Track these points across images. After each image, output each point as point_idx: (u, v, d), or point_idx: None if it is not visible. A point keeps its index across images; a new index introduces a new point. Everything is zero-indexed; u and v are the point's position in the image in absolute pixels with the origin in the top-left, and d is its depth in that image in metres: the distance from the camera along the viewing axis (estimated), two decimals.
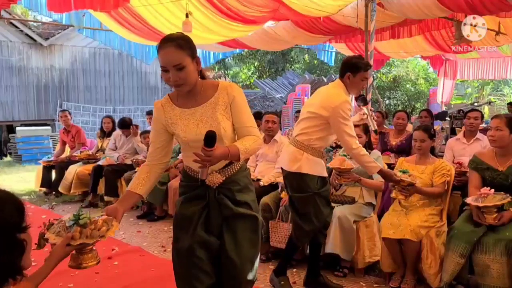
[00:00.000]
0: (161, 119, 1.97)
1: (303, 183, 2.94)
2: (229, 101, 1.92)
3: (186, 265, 1.95)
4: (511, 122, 2.92)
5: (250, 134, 1.92)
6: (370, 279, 3.38)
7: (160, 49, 1.82)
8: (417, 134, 3.36)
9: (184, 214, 1.99)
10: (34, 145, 11.12)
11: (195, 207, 1.97)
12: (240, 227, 1.97)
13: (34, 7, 6.01)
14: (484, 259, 2.71)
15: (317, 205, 2.94)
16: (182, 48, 1.80)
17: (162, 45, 1.81)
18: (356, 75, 2.88)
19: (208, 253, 1.95)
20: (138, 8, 5.66)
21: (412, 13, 5.36)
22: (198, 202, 1.97)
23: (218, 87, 1.94)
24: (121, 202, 2.01)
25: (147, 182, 1.99)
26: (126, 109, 14.79)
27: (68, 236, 1.69)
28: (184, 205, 2.01)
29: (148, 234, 4.64)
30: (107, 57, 14.70)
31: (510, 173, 2.92)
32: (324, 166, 3.02)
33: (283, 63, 19.28)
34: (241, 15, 5.49)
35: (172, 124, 1.94)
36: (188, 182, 2.02)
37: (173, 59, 1.78)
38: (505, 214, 2.77)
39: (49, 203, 6.06)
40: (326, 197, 3.01)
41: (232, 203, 1.95)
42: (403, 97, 17.46)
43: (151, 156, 2.03)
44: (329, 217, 3.09)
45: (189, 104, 1.93)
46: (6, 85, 12.97)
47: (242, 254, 1.95)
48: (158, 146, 2.01)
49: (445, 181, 3.26)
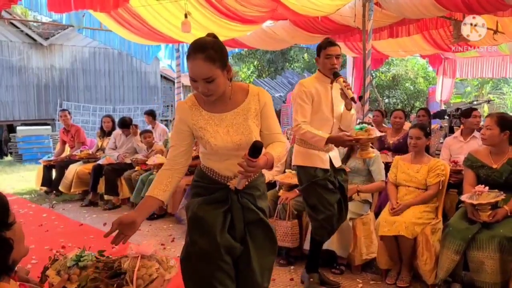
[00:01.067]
0: (188, 121, 1.86)
1: (301, 175, 3.04)
2: (260, 108, 1.89)
3: (208, 269, 1.84)
4: (501, 120, 2.97)
5: (278, 141, 1.91)
6: (367, 276, 3.42)
7: (190, 59, 1.71)
8: (413, 131, 3.40)
9: (204, 217, 1.87)
10: (34, 144, 11.16)
11: (217, 210, 1.88)
12: (262, 235, 1.94)
13: (34, 7, 6.04)
14: (479, 256, 2.75)
15: (318, 193, 2.97)
16: (213, 61, 1.69)
17: (192, 55, 1.70)
18: (320, 56, 2.95)
19: (231, 259, 1.88)
20: (138, 9, 5.70)
21: (410, 12, 5.40)
22: (219, 206, 1.88)
23: (248, 92, 1.89)
24: (140, 211, 1.83)
25: (169, 188, 1.86)
26: (126, 108, 14.83)
27: (64, 279, 1.62)
28: (202, 207, 1.89)
29: (147, 232, 4.68)
30: (107, 57, 14.74)
31: (504, 170, 2.96)
32: (323, 157, 2.97)
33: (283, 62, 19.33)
34: (240, 15, 5.53)
35: (200, 128, 1.85)
36: (207, 184, 1.93)
37: (202, 73, 1.70)
38: (499, 211, 2.82)
39: (49, 202, 6.10)
40: (325, 185, 2.96)
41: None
42: (403, 95, 17.50)
43: (173, 160, 1.90)
44: (333, 206, 3.01)
45: (218, 108, 1.85)
46: (6, 85, 13.01)
47: (263, 263, 1.92)
48: (182, 149, 1.90)
49: (440, 181, 3.28)
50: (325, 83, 2.96)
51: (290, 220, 3.54)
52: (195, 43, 1.74)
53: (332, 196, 3.00)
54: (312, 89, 2.90)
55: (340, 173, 3.10)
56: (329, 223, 3.03)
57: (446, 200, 3.56)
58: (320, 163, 2.98)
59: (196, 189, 1.98)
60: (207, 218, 1.86)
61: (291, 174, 3.78)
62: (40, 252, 3.83)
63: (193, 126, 1.86)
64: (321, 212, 2.99)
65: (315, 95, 2.90)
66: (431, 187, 3.29)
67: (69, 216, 5.40)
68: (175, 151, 1.90)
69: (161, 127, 7.08)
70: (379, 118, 6.13)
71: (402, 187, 3.40)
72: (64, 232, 4.69)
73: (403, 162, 3.46)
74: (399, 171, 3.44)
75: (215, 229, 1.84)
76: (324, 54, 2.92)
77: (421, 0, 5.02)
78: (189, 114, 1.86)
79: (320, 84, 2.95)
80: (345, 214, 3.18)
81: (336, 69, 2.91)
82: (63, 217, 5.34)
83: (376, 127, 6.00)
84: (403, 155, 3.68)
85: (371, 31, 5.10)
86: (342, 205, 3.11)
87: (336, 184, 3.03)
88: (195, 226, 1.90)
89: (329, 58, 2.91)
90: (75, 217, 5.37)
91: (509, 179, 2.93)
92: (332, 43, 2.94)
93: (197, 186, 1.98)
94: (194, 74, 1.71)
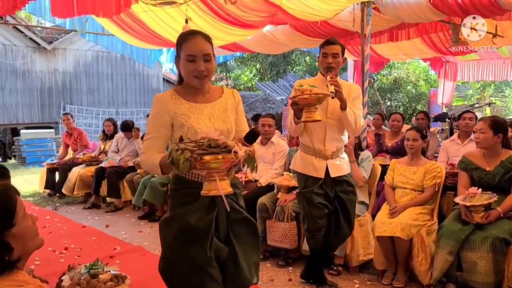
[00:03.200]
0: (170, 110, 1.89)
1: (297, 180, 3.05)
2: (236, 104, 2.02)
3: (200, 279, 1.82)
4: (494, 123, 3.02)
5: None
6: (364, 277, 3.47)
7: (189, 39, 1.86)
8: (409, 133, 3.46)
9: (198, 226, 1.82)
10: (38, 147, 11.27)
11: (208, 216, 1.84)
12: (245, 232, 1.96)
13: (38, 12, 6.13)
14: (472, 256, 2.80)
15: (304, 205, 2.95)
16: (209, 41, 1.88)
17: (190, 35, 1.87)
18: (320, 54, 2.95)
19: (219, 262, 1.88)
20: (139, 14, 5.78)
21: (407, 17, 5.45)
22: (209, 211, 1.85)
23: (223, 90, 2.03)
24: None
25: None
26: (129, 111, 14.92)
27: (74, 283, 1.78)
28: (192, 215, 1.83)
29: (149, 234, 4.75)
30: (109, 60, 14.85)
31: (497, 173, 3.01)
32: (318, 165, 2.91)
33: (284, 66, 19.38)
34: (240, 20, 5.60)
35: (182, 115, 1.88)
36: (191, 188, 1.84)
37: (203, 48, 1.84)
38: (492, 212, 2.87)
39: (53, 205, 6.19)
40: (309, 198, 2.89)
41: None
42: (404, 98, 17.49)
43: (150, 148, 1.89)
44: (319, 219, 2.94)
45: (198, 99, 1.94)
46: (10, 89, 13.14)
47: (249, 259, 1.95)
48: (159, 141, 1.90)
49: (436, 183, 3.33)
50: (323, 84, 2.87)
51: (288, 222, 3.60)
52: (188, 31, 1.93)
53: (316, 211, 2.91)
54: (305, 87, 2.76)
55: (341, 184, 2.99)
56: (315, 233, 2.99)
57: (443, 202, 3.61)
58: (313, 171, 2.91)
59: (178, 198, 1.90)
60: (201, 226, 1.82)
61: (288, 176, 3.85)
62: (44, 253, 3.90)
63: (174, 114, 1.89)
64: (307, 222, 2.97)
65: None
66: (427, 189, 3.34)
67: (72, 218, 5.48)
68: (151, 142, 1.89)
69: None
70: (379, 121, 6.19)
71: (399, 189, 3.46)
72: (67, 234, 4.76)
73: (399, 164, 3.52)
74: (396, 173, 3.49)
75: (208, 236, 1.83)
76: (321, 52, 2.93)
77: (418, 5, 5.08)
78: (170, 102, 1.90)
79: (318, 84, 2.84)
80: (347, 228, 3.06)
81: (332, 68, 2.86)
82: (66, 219, 5.42)
83: (376, 130, 6.07)
84: (400, 158, 3.73)
85: (369, 35, 5.16)
86: (340, 219, 3.00)
87: (330, 196, 2.93)
88: (186, 237, 1.83)
89: (325, 56, 2.89)
90: (78, 219, 5.45)
91: (502, 181, 2.99)
92: (329, 42, 2.91)
93: (179, 195, 1.90)
94: (195, 50, 1.83)
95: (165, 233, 1.91)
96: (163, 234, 1.93)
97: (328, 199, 2.95)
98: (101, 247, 4.27)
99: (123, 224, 5.18)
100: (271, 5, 5.18)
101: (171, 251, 1.89)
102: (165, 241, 1.92)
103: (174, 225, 1.87)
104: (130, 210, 5.84)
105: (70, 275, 2.06)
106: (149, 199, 5.32)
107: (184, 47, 1.86)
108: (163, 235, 1.93)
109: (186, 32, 1.91)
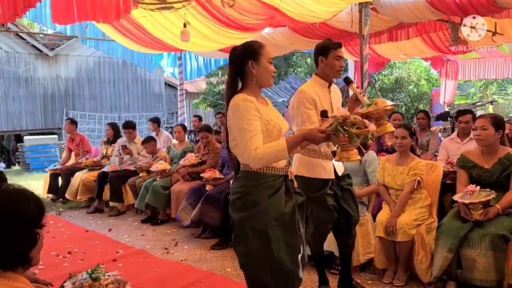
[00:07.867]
0: (259, 108, 2.09)
1: (301, 187, 2.99)
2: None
3: (297, 259, 2.11)
4: (495, 120, 3.03)
5: None
6: (365, 276, 3.48)
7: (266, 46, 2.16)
8: (398, 131, 3.42)
9: (290, 212, 2.10)
10: (41, 153, 11.33)
11: (291, 201, 2.12)
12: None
13: (39, 19, 6.20)
14: (471, 254, 2.81)
15: (313, 210, 2.84)
16: None
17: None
18: (328, 56, 2.84)
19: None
20: (139, 19, 5.83)
21: (406, 16, 5.47)
22: (288, 197, 2.13)
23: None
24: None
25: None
26: (131, 116, 14.96)
27: (76, 287, 1.87)
28: (282, 203, 2.08)
29: (151, 237, 4.78)
30: (111, 66, 14.94)
31: (495, 170, 3.02)
32: (326, 166, 2.87)
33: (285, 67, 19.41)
34: (238, 23, 5.63)
35: (266, 114, 2.11)
36: (274, 181, 2.10)
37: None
38: (490, 210, 2.88)
39: (56, 209, 6.23)
40: (323, 201, 2.86)
41: None
42: (406, 98, 17.46)
43: (259, 142, 2.04)
44: (329, 224, 2.96)
45: (262, 103, 2.19)
46: (13, 96, 13.24)
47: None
48: (261, 133, 2.07)
49: (415, 180, 3.29)
50: (324, 87, 2.88)
51: None
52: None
53: (327, 214, 2.91)
54: (313, 95, 2.81)
55: (343, 179, 3.02)
56: (320, 239, 3.02)
57: (445, 200, 3.61)
58: (324, 173, 2.88)
59: (262, 192, 2.07)
60: (290, 211, 2.09)
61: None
62: (47, 257, 3.93)
63: (261, 112, 2.09)
64: (314, 227, 2.90)
65: (316, 100, 2.82)
66: (406, 185, 3.30)
67: (76, 223, 5.51)
68: (259, 137, 2.04)
69: (165, 134, 7.19)
70: None
71: (389, 189, 3.46)
72: (71, 238, 4.80)
73: (388, 164, 3.49)
74: (386, 173, 3.48)
75: (296, 218, 2.12)
76: (334, 55, 2.83)
77: (416, 5, 5.10)
78: (256, 103, 2.09)
79: (319, 89, 2.86)
80: (356, 213, 3.06)
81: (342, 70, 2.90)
82: (70, 224, 5.46)
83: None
84: (389, 156, 3.70)
85: (368, 36, 5.18)
86: (349, 205, 3.00)
87: (338, 195, 2.95)
88: (281, 222, 2.06)
89: (339, 59, 2.85)
90: (81, 223, 5.48)
91: (500, 179, 3.00)
92: (341, 45, 2.90)
93: (262, 189, 2.07)
94: (272, 54, 2.20)
95: (255, 225, 2.04)
96: (246, 227, 2.06)
97: (336, 199, 2.96)
98: (104, 251, 4.30)
99: (126, 228, 5.21)
100: (269, 8, 5.21)
101: (265, 239, 2.03)
102: (254, 232, 2.05)
103: (265, 215, 2.04)
104: (133, 214, 5.87)
105: (72, 281, 2.10)
106: (152, 202, 5.35)
107: (264, 53, 2.12)
108: (246, 229, 2.06)
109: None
